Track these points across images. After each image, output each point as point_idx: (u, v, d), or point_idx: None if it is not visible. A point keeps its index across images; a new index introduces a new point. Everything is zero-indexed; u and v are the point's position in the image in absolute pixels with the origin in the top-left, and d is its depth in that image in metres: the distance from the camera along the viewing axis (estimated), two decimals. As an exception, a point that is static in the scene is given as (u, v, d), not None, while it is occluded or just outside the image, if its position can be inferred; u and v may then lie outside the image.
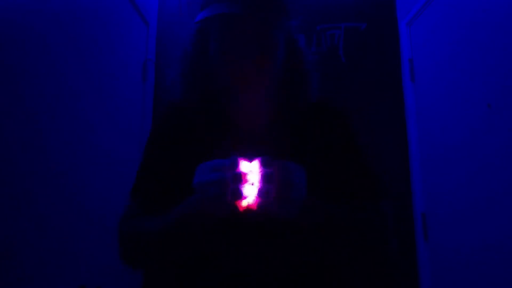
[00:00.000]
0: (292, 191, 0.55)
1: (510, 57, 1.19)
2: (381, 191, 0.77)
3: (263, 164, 0.54)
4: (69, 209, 1.21)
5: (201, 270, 0.73)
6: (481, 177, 1.32)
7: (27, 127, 1.05)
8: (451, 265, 1.50)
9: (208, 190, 0.55)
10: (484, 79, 1.32)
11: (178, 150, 0.78)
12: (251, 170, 0.55)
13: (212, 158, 0.60)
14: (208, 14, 0.67)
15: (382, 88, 1.95)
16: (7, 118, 0.98)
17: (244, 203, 0.55)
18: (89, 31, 1.40)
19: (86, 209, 1.32)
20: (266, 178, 0.54)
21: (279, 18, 0.71)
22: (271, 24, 0.70)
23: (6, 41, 0.98)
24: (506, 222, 1.18)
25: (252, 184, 0.55)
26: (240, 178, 0.54)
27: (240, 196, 0.53)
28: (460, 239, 1.43)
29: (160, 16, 2.11)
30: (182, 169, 0.71)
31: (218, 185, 0.54)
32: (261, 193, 0.53)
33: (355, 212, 0.71)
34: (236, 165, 0.55)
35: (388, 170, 1.85)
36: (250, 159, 0.56)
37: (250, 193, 0.54)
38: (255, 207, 0.55)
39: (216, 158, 0.59)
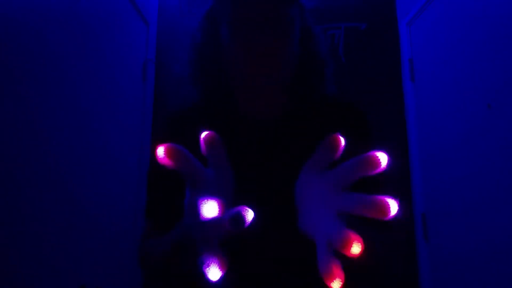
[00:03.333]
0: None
1: (510, 57, 1.19)
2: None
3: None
4: (69, 209, 1.21)
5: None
6: (481, 177, 1.32)
7: (28, 127, 1.05)
8: (451, 265, 1.50)
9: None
10: (484, 79, 1.32)
11: None
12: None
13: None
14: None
15: (382, 88, 1.95)
16: (8, 117, 0.98)
17: None
18: (89, 31, 1.40)
19: (86, 209, 1.32)
20: None
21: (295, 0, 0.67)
22: (288, 5, 0.65)
23: (8, 40, 0.98)
24: (506, 222, 1.18)
25: None
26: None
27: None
28: (460, 239, 1.43)
29: (160, 16, 2.11)
30: None
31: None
32: None
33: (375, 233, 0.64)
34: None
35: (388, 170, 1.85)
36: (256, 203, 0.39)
37: None
38: None
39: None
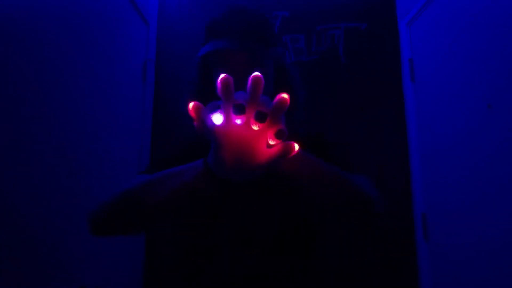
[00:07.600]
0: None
1: (510, 57, 1.19)
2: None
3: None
4: (68, 209, 1.21)
5: (201, 270, 0.73)
6: (481, 177, 1.32)
7: (26, 126, 1.05)
8: (451, 265, 1.50)
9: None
10: (484, 79, 1.32)
11: None
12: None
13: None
14: (206, 50, 0.77)
15: (382, 88, 1.95)
16: (7, 117, 0.98)
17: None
18: (89, 31, 1.40)
19: (86, 208, 1.32)
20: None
21: (267, 49, 0.79)
22: (260, 55, 0.77)
23: (7, 40, 0.98)
24: (506, 222, 1.18)
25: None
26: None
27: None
28: (460, 239, 1.43)
29: (160, 16, 2.11)
30: None
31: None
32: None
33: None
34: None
35: (388, 170, 1.85)
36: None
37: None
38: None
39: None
